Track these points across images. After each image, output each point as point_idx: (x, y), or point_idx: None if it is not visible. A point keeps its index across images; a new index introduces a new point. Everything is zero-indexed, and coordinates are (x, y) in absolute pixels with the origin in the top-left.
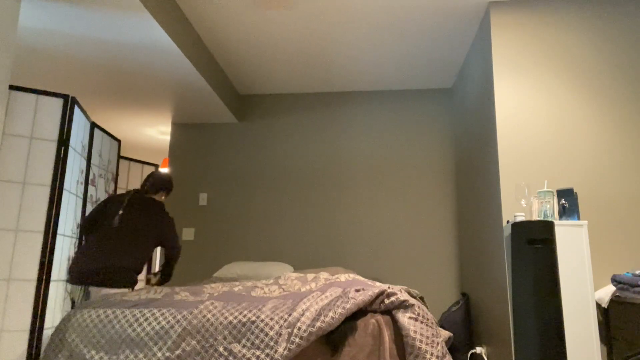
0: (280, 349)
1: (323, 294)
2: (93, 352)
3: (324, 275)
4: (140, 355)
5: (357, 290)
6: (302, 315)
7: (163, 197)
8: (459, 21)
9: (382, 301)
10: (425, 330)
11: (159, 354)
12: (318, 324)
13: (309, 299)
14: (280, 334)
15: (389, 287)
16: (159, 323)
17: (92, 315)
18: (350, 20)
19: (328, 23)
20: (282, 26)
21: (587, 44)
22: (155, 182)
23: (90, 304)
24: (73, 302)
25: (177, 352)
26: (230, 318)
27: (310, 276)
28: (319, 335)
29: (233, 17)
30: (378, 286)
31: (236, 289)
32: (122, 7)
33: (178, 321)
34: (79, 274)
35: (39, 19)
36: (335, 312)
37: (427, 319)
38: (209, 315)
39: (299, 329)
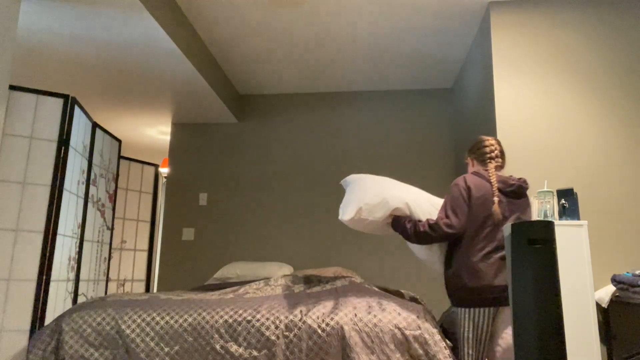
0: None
1: None
2: (92, 349)
3: (317, 277)
4: (137, 350)
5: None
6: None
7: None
8: (459, 21)
9: None
10: None
11: (157, 349)
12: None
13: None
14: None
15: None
16: (161, 320)
17: (90, 313)
18: (350, 20)
19: (328, 23)
20: (283, 26)
21: (587, 44)
22: None
23: (86, 305)
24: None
25: (176, 347)
26: (226, 317)
27: (302, 277)
28: None
29: (233, 16)
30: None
31: (228, 297)
32: (122, 7)
33: (176, 321)
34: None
35: (39, 19)
36: None
37: None
38: (204, 314)
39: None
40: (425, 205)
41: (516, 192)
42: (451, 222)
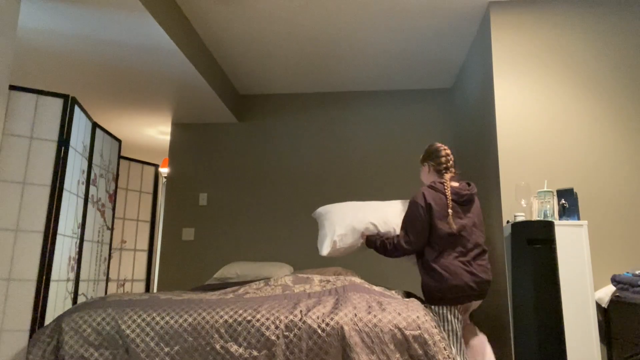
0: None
1: None
2: (92, 349)
3: (317, 277)
4: (137, 350)
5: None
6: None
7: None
8: (459, 21)
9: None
10: None
11: (157, 349)
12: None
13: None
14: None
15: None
16: (161, 320)
17: (90, 313)
18: (350, 20)
19: (328, 23)
20: (283, 26)
21: (587, 44)
22: None
23: (86, 305)
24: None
25: (176, 347)
26: (226, 317)
27: (302, 277)
28: None
29: (233, 16)
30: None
31: (228, 297)
32: (122, 7)
33: (176, 321)
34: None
35: (39, 19)
36: None
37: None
38: (204, 314)
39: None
40: (392, 217)
41: (469, 200)
42: (410, 239)
